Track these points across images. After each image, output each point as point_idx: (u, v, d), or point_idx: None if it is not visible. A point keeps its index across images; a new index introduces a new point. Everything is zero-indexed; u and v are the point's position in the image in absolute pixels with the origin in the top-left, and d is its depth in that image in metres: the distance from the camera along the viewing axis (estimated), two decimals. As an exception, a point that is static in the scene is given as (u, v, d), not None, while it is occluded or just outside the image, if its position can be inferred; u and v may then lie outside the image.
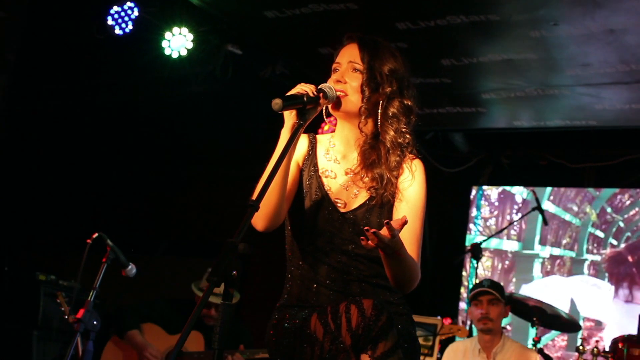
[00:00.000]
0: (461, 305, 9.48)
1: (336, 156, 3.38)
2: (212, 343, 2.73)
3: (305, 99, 3.09)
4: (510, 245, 9.87)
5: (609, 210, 9.42)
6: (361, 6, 6.54)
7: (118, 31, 7.00)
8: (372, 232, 2.78)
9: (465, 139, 9.74)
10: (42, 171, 10.28)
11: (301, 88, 3.14)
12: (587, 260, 9.44)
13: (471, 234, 9.94)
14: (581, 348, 6.87)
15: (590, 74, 7.15)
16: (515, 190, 9.97)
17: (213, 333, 2.75)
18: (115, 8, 6.96)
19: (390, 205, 3.27)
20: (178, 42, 7.18)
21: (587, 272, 9.42)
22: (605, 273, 9.26)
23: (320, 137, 3.46)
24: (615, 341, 6.97)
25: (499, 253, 9.89)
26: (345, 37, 3.44)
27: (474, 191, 10.08)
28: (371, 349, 2.88)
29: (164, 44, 7.21)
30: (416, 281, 3.17)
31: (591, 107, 7.85)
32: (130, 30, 7.02)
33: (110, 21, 6.97)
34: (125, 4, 6.93)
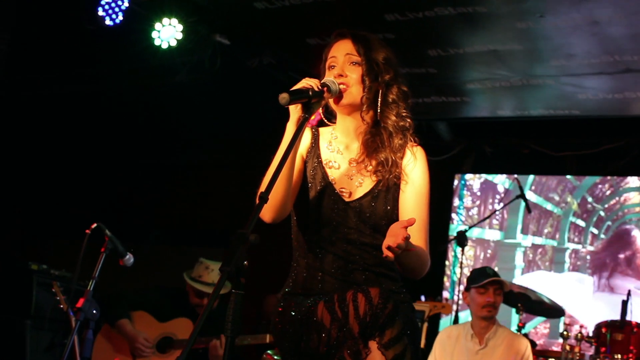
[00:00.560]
0: (444, 294, 9.57)
1: (339, 147, 3.46)
2: (224, 330, 2.79)
3: (310, 93, 3.17)
4: (492, 234, 9.97)
5: (590, 199, 9.54)
6: (350, -3, 6.63)
7: (108, 22, 6.99)
8: (387, 248, 2.87)
9: (448, 128, 9.83)
10: (33, 161, 10.29)
11: (306, 83, 3.20)
12: (569, 249, 9.56)
13: (454, 224, 10.03)
14: (565, 333, 7.01)
15: (574, 65, 7.25)
16: (497, 180, 10.06)
17: (225, 321, 2.80)
18: (106, -1, 6.98)
19: (395, 188, 3.36)
20: (168, 33, 7.22)
21: (569, 261, 9.54)
22: (586, 263, 9.38)
23: (322, 130, 3.55)
24: (598, 326, 7.10)
25: (481, 242, 10.00)
26: (335, 34, 3.52)
27: (457, 181, 10.16)
28: (379, 336, 2.96)
29: (154, 35, 7.24)
30: (426, 268, 3.27)
31: (574, 97, 7.96)
32: (120, 21, 7.02)
33: (100, 12, 6.95)
34: (115, -5, 6.96)
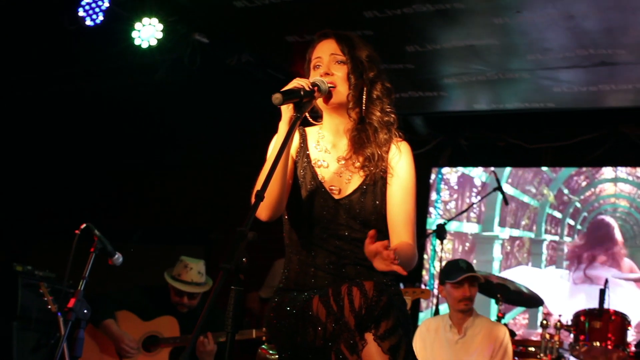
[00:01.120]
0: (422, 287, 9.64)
1: (326, 146, 3.55)
2: (225, 326, 2.85)
3: (302, 93, 3.25)
4: (470, 227, 10.06)
5: (566, 191, 9.65)
6: (330, -5, 6.69)
7: (89, 22, 7.00)
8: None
9: (424, 122, 9.90)
10: (14, 162, 10.26)
11: (297, 83, 3.28)
12: (546, 240, 9.66)
13: (431, 218, 10.10)
14: (544, 322, 7.10)
15: (549, 59, 7.33)
16: (474, 173, 10.14)
17: (226, 317, 2.86)
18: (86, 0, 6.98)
19: (383, 182, 3.46)
20: (148, 32, 7.24)
21: (546, 252, 9.66)
22: (564, 255, 9.51)
23: (309, 130, 3.62)
24: (577, 315, 7.20)
25: (459, 235, 10.08)
26: (318, 35, 3.59)
27: (434, 175, 10.24)
28: (374, 328, 3.03)
29: (134, 34, 7.26)
30: (415, 262, 3.38)
31: (549, 90, 8.04)
32: (100, 21, 7.04)
33: (81, 12, 6.97)
34: (95, -5, 6.97)
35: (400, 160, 3.49)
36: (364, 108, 3.48)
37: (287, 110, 3.28)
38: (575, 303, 8.83)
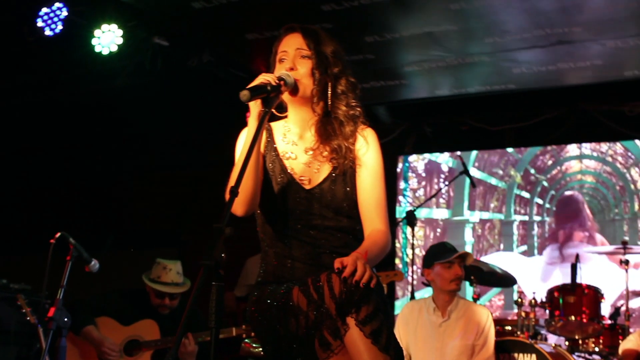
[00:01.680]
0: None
1: (293, 139, 3.59)
2: (209, 322, 2.87)
3: (269, 88, 3.28)
4: (440, 213, 10.14)
5: (533, 171, 9.77)
6: (287, -9, 6.71)
7: (48, 32, 6.97)
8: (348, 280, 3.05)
9: (388, 111, 9.96)
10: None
11: (264, 78, 3.30)
12: (516, 221, 9.79)
13: (401, 206, 10.19)
14: (519, 301, 7.19)
15: (507, 41, 7.41)
16: (441, 159, 10.23)
17: (209, 313, 2.89)
18: (44, 9, 6.94)
19: (352, 173, 3.51)
20: (108, 39, 7.22)
21: (517, 233, 9.79)
22: (534, 234, 9.65)
23: (274, 125, 3.66)
24: (550, 291, 7.31)
25: (430, 222, 10.16)
26: (284, 28, 3.62)
27: (400, 164, 10.31)
28: (355, 313, 3.07)
29: (94, 42, 7.24)
30: (387, 248, 3.45)
31: (509, 72, 8.14)
32: (60, 30, 7.00)
33: (40, 23, 6.94)
34: (53, 5, 6.92)
35: (367, 151, 3.54)
36: (330, 103, 3.52)
37: (256, 105, 3.31)
38: (550, 281, 8.95)
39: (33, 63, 8.20)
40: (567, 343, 7.33)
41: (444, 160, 10.22)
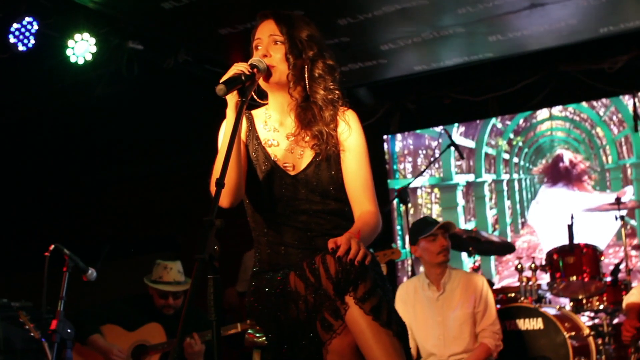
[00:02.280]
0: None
1: (274, 125, 3.59)
2: (209, 315, 2.88)
3: (243, 78, 3.29)
4: (430, 180, 10.27)
5: (512, 135, 9.96)
6: (254, -19, 6.68)
7: (21, 47, 6.90)
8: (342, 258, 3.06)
9: (369, 92, 9.99)
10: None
11: (237, 68, 3.31)
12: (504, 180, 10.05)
13: (392, 180, 10.26)
14: (520, 267, 7.22)
15: (479, 10, 7.37)
16: (426, 131, 10.29)
17: (207, 306, 2.90)
18: (14, 25, 6.87)
19: (336, 156, 3.52)
20: (82, 48, 7.17)
21: (506, 189, 9.98)
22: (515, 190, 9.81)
23: (255, 112, 3.67)
24: (549, 254, 7.35)
25: (423, 189, 10.31)
26: (259, 15, 3.63)
27: (387, 144, 10.35)
28: (353, 291, 3.09)
29: (69, 52, 7.19)
30: (379, 228, 3.47)
31: (485, 41, 8.10)
32: (33, 44, 6.95)
33: (11, 39, 6.89)
34: (24, 20, 6.87)
35: (350, 134, 3.54)
36: (308, 87, 3.52)
37: (232, 96, 3.31)
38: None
39: (9, 80, 8.15)
40: (572, 304, 7.38)
41: (430, 131, 10.27)
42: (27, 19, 6.91)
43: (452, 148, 8.10)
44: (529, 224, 9.71)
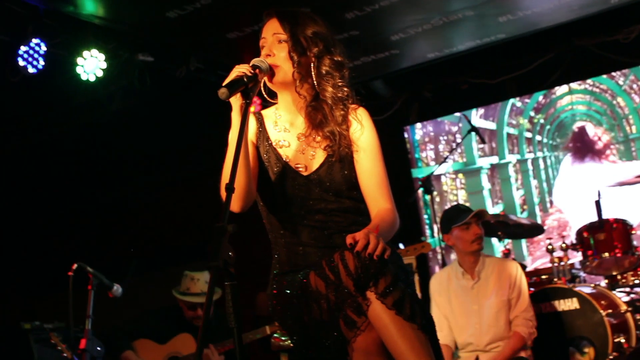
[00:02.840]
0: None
1: (285, 126, 3.55)
2: (229, 322, 2.84)
3: (245, 80, 3.24)
4: (454, 166, 10.21)
5: (532, 114, 9.85)
6: (257, -18, 6.65)
7: (31, 70, 6.90)
8: (359, 254, 3.02)
9: (385, 84, 9.92)
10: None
11: (238, 71, 3.27)
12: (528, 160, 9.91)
13: (416, 169, 10.20)
14: (550, 247, 7.13)
15: (487, -10, 7.35)
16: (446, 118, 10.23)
17: (227, 313, 2.86)
18: (22, 48, 6.87)
19: (349, 157, 3.47)
20: (91, 65, 7.17)
21: (531, 168, 9.85)
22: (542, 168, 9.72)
23: (265, 113, 3.63)
24: (579, 232, 7.25)
25: (447, 176, 10.23)
26: (264, 15, 3.59)
27: (407, 133, 10.29)
28: (374, 286, 3.04)
29: (79, 70, 7.19)
30: (396, 225, 3.40)
31: (495, 22, 8.01)
32: (43, 66, 6.95)
33: (21, 62, 6.89)
34: (31, 42, 6.87)
35: (362, 133, 3.50)
36: (316, 84, 3.47)
37: (236, 99, 3.27)
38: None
39: (23, 102, 8.16)
40: (607, 281, 7.27)
41: (448, 117, 10.23)
42: (35, 41, 6.91)
43: (473, 132, 8.05)
44: (555, 203, 9.62)
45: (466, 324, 6.26)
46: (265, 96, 3.55)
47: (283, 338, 3.51)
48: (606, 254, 7.04)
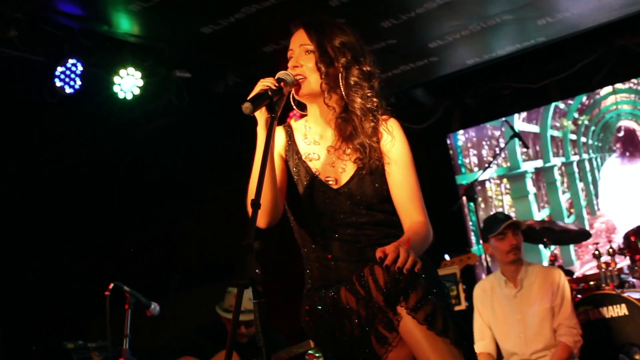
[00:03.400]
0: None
1: (314, 138, 3.50)
2: (257, 341, 2.80)
3: (270, 93, 3.20)
4: (498, 171, 10.07)
5: (576, 115, 9.71)
6: (290, -5, 6.62)
7: (68, 90, 6.95)
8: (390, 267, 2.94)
9: (426, 92, 9.83)
10: (31, 242, 10.31)
11: (262, 84, 3.24)
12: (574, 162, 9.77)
13: (460, 175, 10.11)
14: (597, 253, 7.00)
15: (525, -7, 7.24)
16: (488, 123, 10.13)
17: (255, 332, 2.82)
18: (59, 69, 6.92)
19: (380, 170, 3.40)
20: (129, 83, 7.19)
21: (577, 170, 9.68)
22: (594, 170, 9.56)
23: (295, 125, 3.58)
24: (626, 236, 7.10)
25: (492, 182, 10.12)
26: (292, 26, 3.55)
27: (450, 140, 10.21)
28: (404, 301, 2.98)
29: (116, 89, 7.22)
30: (430, 237, 3.33)
31: (535, 25, 7.90)
32: (80, 86, 7.00)
33: (58, 83, 6.93)
34: (67, 62, 6.92)
35: (393, 145, 3.43)
36: (345, 95, 3.41)
37: (261, 114, 3.23)
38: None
39: (62, 123, 8.22)
40: (656, 286, 7.13)
41: (490, 122, 10.11)
42: (71, 61, 6.96)
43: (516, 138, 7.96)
44: (602, 206, 9.47)
45: (510, 334, 6.19)
46: (295, 108, 3.50)
47: (317, 355, 3.46)
48: (655, 259, 6.91)
